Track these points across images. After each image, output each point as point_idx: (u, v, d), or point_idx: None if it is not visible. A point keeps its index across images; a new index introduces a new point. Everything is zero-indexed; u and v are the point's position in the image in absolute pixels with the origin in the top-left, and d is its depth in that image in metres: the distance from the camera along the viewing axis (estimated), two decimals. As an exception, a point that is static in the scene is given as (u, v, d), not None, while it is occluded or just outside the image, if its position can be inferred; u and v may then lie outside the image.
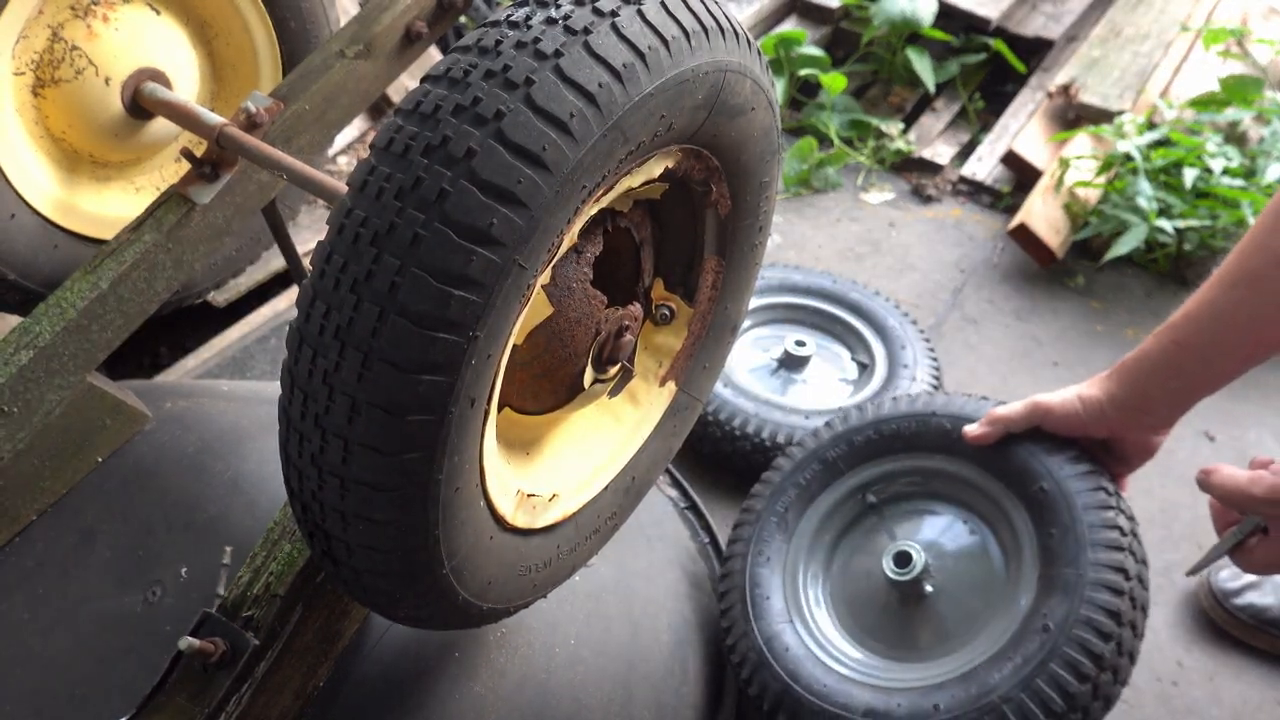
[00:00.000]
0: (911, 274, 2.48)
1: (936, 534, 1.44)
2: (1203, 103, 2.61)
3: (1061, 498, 1.28)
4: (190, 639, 0.84)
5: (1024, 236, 2.42)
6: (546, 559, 0.96)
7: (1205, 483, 1.03)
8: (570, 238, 0.81)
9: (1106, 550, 1.22)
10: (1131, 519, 1.27)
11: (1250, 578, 1.72)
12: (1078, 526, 1.25)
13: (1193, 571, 1.18)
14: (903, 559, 1.37)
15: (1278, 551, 0.98)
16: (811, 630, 1.41)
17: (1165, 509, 1.91)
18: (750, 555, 1.46)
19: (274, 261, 2.17)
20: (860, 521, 1.50)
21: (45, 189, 1.49)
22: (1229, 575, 1.73)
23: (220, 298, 2.11)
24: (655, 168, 0.86)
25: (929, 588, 1.38)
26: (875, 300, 2.09)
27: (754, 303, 2.07)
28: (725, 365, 1.32)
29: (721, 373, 1.38)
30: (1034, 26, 3.15)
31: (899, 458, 1.45)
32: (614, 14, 0.71)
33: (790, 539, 1.47)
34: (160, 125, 1.55)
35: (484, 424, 0.78)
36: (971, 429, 1.36)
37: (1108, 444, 1.30)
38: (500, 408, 0.97)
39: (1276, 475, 0.94)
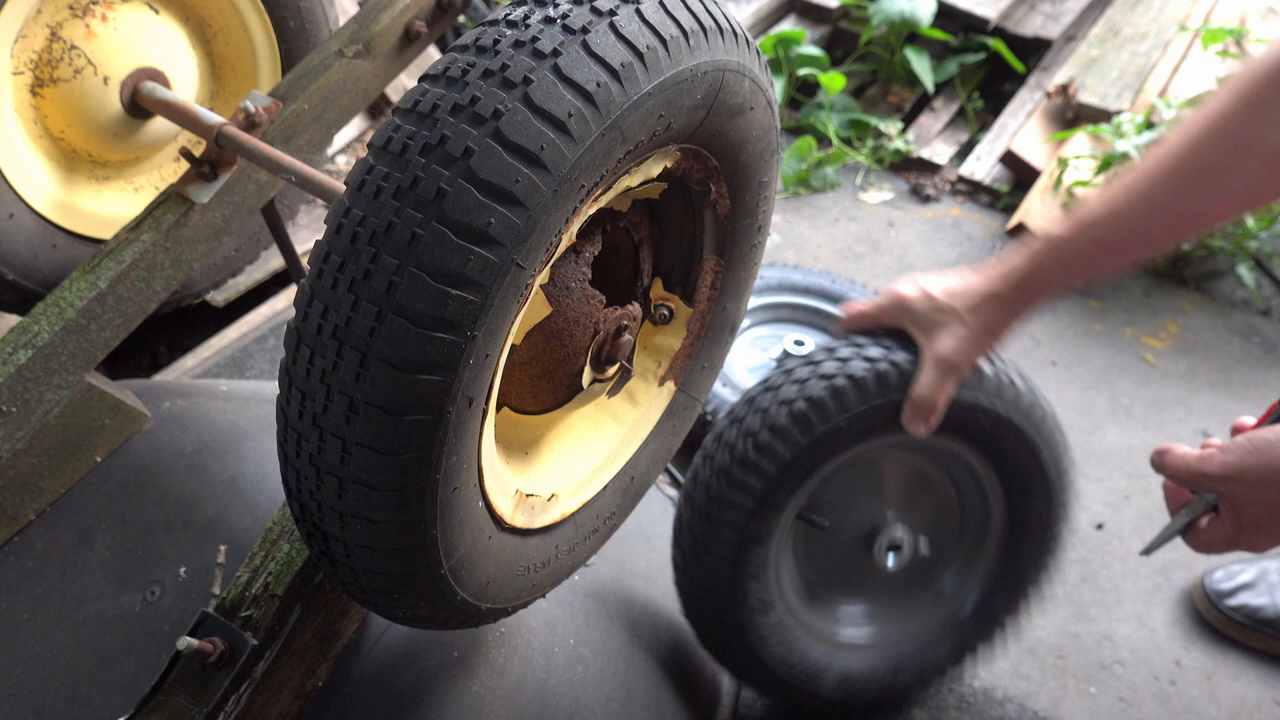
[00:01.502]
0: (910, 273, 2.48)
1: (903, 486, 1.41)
2: (1201, 102, 2.61)
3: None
4: (189, 639, 0.84)
5: (1023, 236, 2.42)
6: (545, 559, 0.96)
7: (1159, 463, 1.02)
8: (569, 237, 0.81)
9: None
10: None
11: (1243, 578, 1.72)
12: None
13: (1146, 551, 1.17)
14: (894, 545, 1.37)
15: (1227, 529, 0.98)
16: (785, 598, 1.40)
17: (1165, 508, 1.91)
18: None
19: (273, 261, 2.17)
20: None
21: (44, 188, 1.49)
22: (1222, 576, 1.73)
23: (219, 297, 2.11)
24: (654, 167, 0.86)
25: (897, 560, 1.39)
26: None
27: (753, 302, 2.07)
28: (724, 365, 1.31)
29: (720, 372, 1.38)
30: (1033, 26, 3.15)
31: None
32: (612, 13, 0.71)
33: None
34: (159, 125, 1.56)
35: (482, 424, 0.78)
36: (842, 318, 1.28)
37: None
38: (499, 407, 0.97)
39: (1225, 452, 0.93)
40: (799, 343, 1.98)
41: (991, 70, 3.14)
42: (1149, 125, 2.58)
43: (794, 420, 1.20)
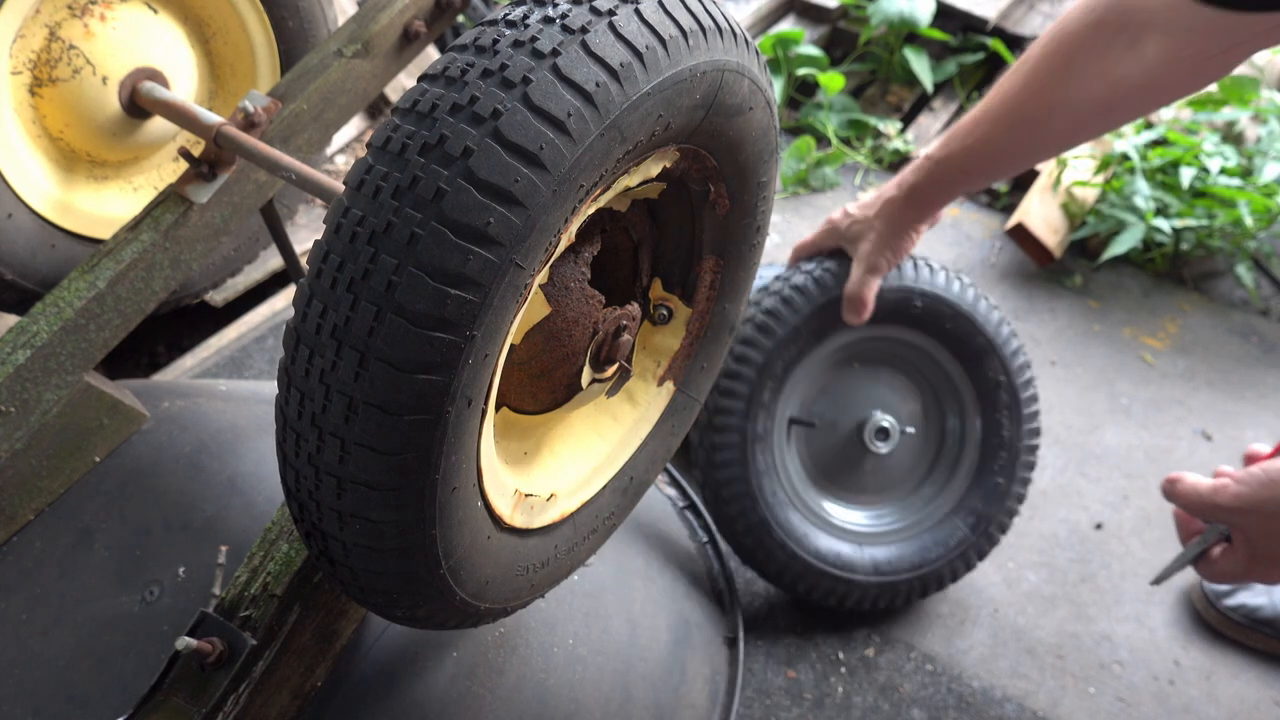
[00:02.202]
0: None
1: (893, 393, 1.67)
2: (1200, 102, 2.61)
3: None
4: (188, 639, 0.84)
5: (1021, 236, 2.42)
6: (544, 559, 0.96)
7: (1170, 492, 1.02)
8: (568, 237, 0.81)
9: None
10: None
11: (1241, 577, 1.72)
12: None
13: (1157, 581, 1.18)
14: (882, 433, 1.62)
15: (1240, 560, 0.98)
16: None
17: (1164, 508, 1.92)
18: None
19: (272, 261, 2.17)
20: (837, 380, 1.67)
21: (43, 188, 1.49)
22: (1222, 575, 1.74)
23: (218, 297, 2.11)
24: (653, 167, 0.86)
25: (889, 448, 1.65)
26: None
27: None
28: (723, 365, 1.32)
29: (719, 372, 1.39)
30: (1032, 26, 3.15)
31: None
32: (611, 13, 0.71)
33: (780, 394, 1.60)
34: (158, 124, 1.56)
35: (481, 424, 0.78)
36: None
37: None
38: (498, 407, 0.97)
39: (1239, 484, 0.93)
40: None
41: (991, 70, 3.14)
42: (1148, 125, 2.58)
43: (758, 330, 1.51)
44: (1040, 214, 2.46)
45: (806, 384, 1.61)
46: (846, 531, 1.64)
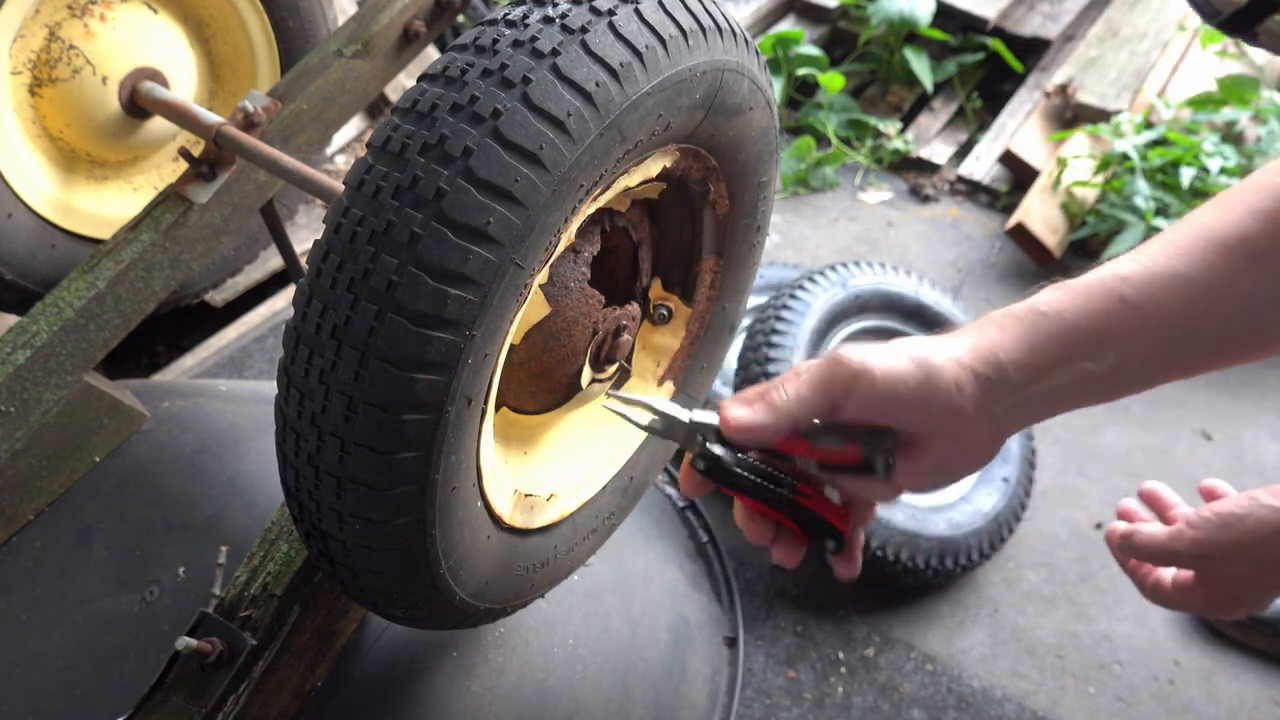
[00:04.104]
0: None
1: None
2: (1200, 102, 2.61)
3: None
4: (188, 639, 0.84)
5: (1021, 236, 2.42)
6: (544, 558, 0.96)
7: (1126, 547, 1.00)
8: (568, 237, 0.81)
9: None
10: None
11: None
12: None
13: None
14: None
15: (1197, 598, 0.97)
16: None
17: (1163, 508, 1.91)
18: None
19: (271, 261, 2.17)
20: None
21: (43, 188, 1.49)
22: (1225, 574, 1.74)
23: (218, 297, 2.11)
24: (653, 167, 0.86)
25: None
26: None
27: (752, 302, 2.07)
28: (723, 364, 1.32)
29: (719, 372, 1.39)
30: (1032, 26, 3.15)
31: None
32: (611, 13, 0.71)
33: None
34: (158, 124, 1.55)
35: (481, 423, 0.78)
36: (735, 417, 0.69)
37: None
38: (498, 407, 0.97)
39: (1194, 528, 0.93)
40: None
41: (990, 70, 3.14)
42: (1148, 125, 2.58)
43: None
44: (1040, 214, 2.46)
45: None
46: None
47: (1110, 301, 0.71)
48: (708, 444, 0.70)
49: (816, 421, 0.69)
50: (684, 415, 0.72)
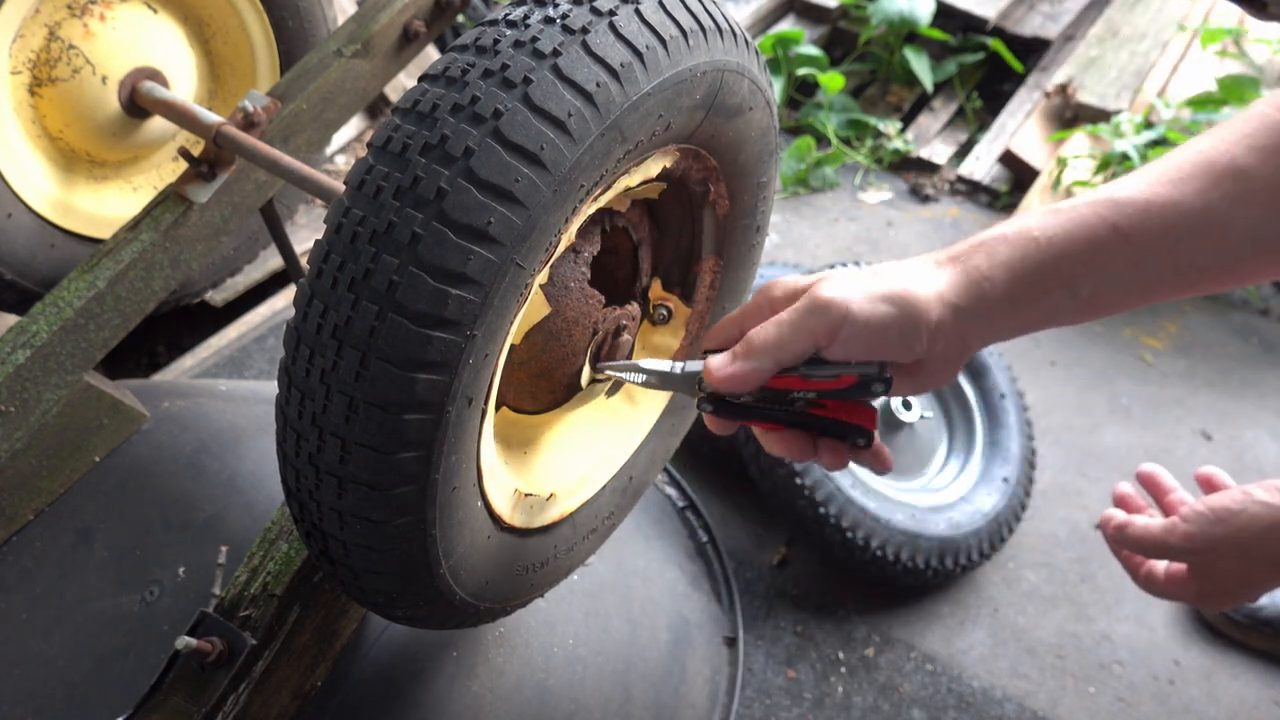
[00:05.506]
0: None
1: None
2: (1200, 102, 2.61)
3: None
4: (188, 638, 0.84)
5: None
6: (544, 558, 0.96)
7: (1120, 539, 1.00)
8: (568, 237, 0.81)
9: None
10: None
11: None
12: None
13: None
14: (906, 403, 1.79)
15: (1189, 590, 0.98)
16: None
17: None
18: None
19: (272, 261, 2.17)
20: None
21: (42, 188, 1.49)
22: (1225, 575, 1.74)
23: (218, 297, 2.11)
24: (653, 167, 0.86)
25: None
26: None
27: (752, 302, 2.07)
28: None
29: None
30: (1032, 26, 3.15)
31: None
32: (612, 13, 0.71)
33: None
34: (158, 124, 1.56)
35: (481, 423, 0.78)
36: (719, 370, 0.74)
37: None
38: (498, 407, 0.97)
39: (1188, 522, 0.93)
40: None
41: (990, 70, 3.14)
42: (1148, 125, 2.58)
43: None
44: (1040, 214, 2.46)
45: None
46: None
47: (1102, 229, 0.71)
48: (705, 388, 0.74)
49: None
50: (676, 368, 0.78)
